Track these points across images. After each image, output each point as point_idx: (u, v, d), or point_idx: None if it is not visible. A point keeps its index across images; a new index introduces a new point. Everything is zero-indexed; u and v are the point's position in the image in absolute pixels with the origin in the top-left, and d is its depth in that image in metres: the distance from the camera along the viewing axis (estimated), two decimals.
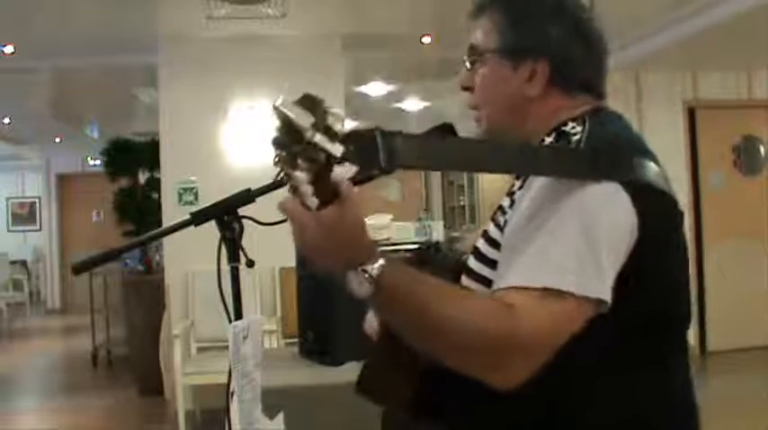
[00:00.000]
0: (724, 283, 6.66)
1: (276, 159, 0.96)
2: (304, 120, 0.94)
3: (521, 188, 1.14)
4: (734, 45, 5.71)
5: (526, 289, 1.00)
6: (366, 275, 0.97)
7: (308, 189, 0.94)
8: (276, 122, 0.96)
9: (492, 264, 1.14)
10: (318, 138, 0.93)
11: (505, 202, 1.19)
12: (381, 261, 0.98)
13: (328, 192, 0.94)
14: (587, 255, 1.00)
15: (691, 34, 5.28)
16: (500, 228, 1.15)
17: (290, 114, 0.94)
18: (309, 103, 0.95)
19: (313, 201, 0.94)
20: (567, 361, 1.01)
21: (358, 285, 0.98)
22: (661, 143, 1.14)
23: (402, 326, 1.05)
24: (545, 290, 0.99)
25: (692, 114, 6.88)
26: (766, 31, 5.20)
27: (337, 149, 0.94)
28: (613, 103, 1.30)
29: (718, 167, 6.88)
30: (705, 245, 6.73)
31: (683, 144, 6.75)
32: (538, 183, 1.09)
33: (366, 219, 1.01)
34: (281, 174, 0.97)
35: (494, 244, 1.15)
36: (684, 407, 1.20)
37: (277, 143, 0.96)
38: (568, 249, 1.01)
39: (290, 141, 0.94)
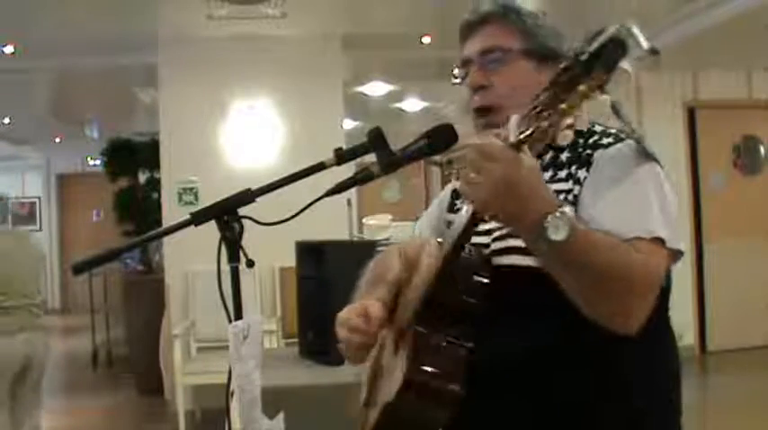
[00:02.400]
0: (724, 283, 6.66)
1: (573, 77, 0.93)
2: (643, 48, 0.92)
3: (581, 168, 1.23)
4: (734, 45, 5.71)
5: (644, 238, 1.12)
6: (566, 217, 1.00)
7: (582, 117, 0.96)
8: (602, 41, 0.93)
9: None
10: (627, 65, 0.93)
11: (561, 186, 1.24)
12: (567, 205, 1.03)
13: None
14: (669, 215, 1.18)
15: (691, 34, 5.28)
16: (571, 204, 1.19)
17: (640, 37, 0.92)
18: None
19: (569, 136, 0.97)
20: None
21: (555, 229, 1.00)
22: (661, 143, 1.15)
23: (579, 267, 1.06)
24: (655, 238, 1.13)
25: (691, 114, 6.88)
26: (766, 31, 5.20)
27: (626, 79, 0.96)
28: None
29: (718, 167, 6.88)
30: (705, 245, 6.73)
31: (682, 144, 6.76)
32: (612, 162, 1.21)
33: (365, 220, 1.01)
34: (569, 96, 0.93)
35: None
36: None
37: (597, 60, 0.92)
38: (659, 209, 1.16)
39: (613, 62, 0.91)
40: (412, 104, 8.66)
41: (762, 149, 7.06)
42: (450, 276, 1.18)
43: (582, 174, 1.22)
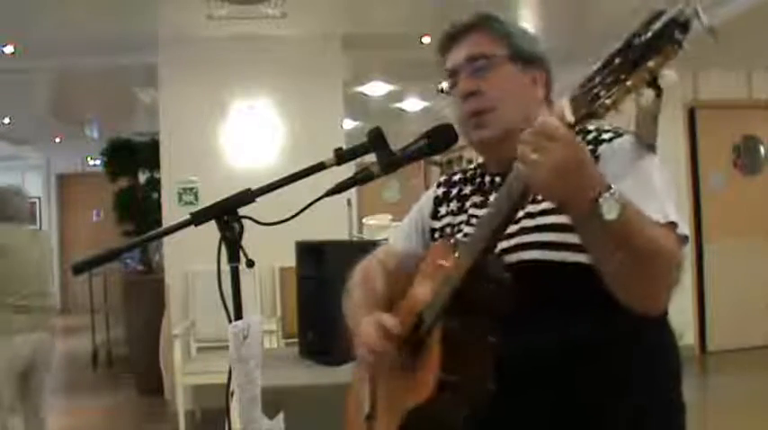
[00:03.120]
0: (724, 283, 6.66)
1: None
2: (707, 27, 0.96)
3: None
4: (734, 45, 5.70)
5: (659, 223, 1.15)
6: (617, 196, 1.02)
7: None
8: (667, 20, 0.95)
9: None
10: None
11: None
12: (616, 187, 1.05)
13: None
14: (675, 202, 1.21)
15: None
16: None
17: (704, 17, 0.96)
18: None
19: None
20: None
21: (609, 208, 1.02)
22: (661, 143, 1.16)
23: (628, 245, 1.08)
24: (668, 223, 1.17)
25: (692, 114, 6.88)
26: (766, 31, 5.20)
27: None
28: None
29: (718, 167, 6.88)
30: (705, 245, 6.73)
31: (683, 144, 6.75)
32: (612, 156, 1.24)
33: (365, 220, 1.02)
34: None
35: None
36: None
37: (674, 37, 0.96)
38: (666, 197, 1.20)
39: (679, 40, 0.96)
40: (412, 104, 8.66)
41: (762, 149, 7.06)
42: (480, 272, 1.18)
43: None
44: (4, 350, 3.80)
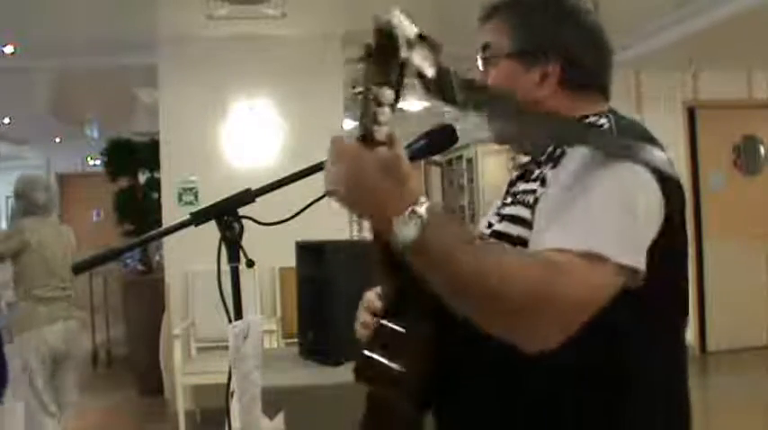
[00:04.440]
0: (724, 283, 6.66)
1: (362, 77, 0.96)
2: (405, 35, 0.96)
3: (553, 168, 1.15)
4: (734, 45, 5.71)
5: (569, 250, 1.00)
6: (416, 216, 0.95)
7: (388, 112, 0.94)
8: (373, 35, 0.98)
9: (519, 240, 1.14)
10: (416, 57, 0.94)
11: (530, 186, 1.19)
12: (427, 203, 0.97)
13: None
14: (627, 226, 1.04)
15: (691, 34, 5.28)
16: (529, 206, 1.15)
17: (400, 24, 0.96)
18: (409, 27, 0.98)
19: (383, 131, 0.95)
20: (590, 335, 1.02)
21: (405, 228, 0.95)
22: (660, 143, 1.14)
23: (442, 275, 1.00)
24: (587, 253, 0.99)
25: (691, 114, 6.88)
26: (766, 31, 5.20)
27: (431, 72, 0.96)
28: (613, 102, 1.31)
29: (718, 167, 6.88)
30: (705, 245, 6.73)
31: (683, 144, 6.76)
32: (575, 160, 1.11)
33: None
34: (362, 94, 0.96)
35: (522, 222, 1.15)
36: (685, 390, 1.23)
37: (372, 57, 0.96)
38: (610, 219, 1.03)
39: (384, 57, 0.95)
40: (412, 104, 8.65)
41: (762, 149, 7.06)
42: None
43: (549, 173, 1.14)
44: (35, 340, 3.92)
